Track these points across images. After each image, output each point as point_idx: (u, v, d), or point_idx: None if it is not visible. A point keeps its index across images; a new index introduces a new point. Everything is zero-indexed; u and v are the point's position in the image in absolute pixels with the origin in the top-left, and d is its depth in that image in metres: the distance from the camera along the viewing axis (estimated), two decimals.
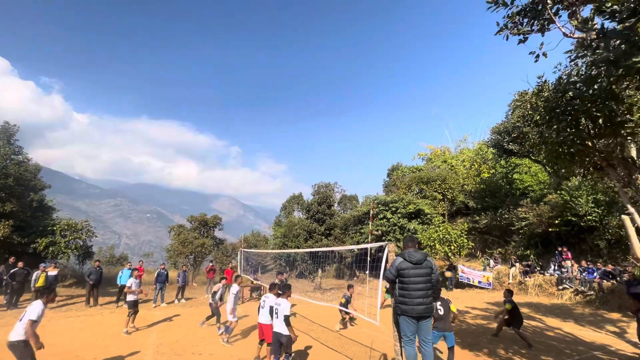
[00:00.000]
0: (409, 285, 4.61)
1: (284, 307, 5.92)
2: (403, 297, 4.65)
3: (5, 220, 15.36)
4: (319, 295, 16.12)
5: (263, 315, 6.61)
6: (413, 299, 4.58)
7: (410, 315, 4.60)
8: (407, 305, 4.60)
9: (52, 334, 8.80)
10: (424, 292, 4.62)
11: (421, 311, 4.59)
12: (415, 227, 20.04)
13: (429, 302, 4.66)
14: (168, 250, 24.74)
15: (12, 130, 17.84)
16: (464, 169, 28.60)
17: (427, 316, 4.72)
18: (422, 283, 4.63)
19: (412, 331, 4.69)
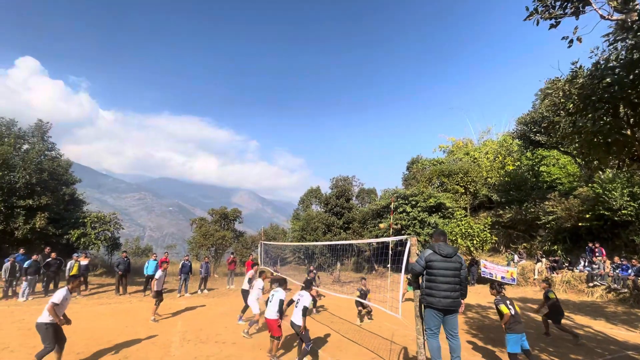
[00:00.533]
0: (437, 278, 4.61)
1: (306, 298, 6.40)
2: (430, 289, 4.64)
3: (41, 212, 16.27)
4: (338, 287, 16.21)
5: (269, 310, 6.46)
6: (440, 292, 4.57)
7: (436, 307, 4.60)
8: (433, 297, 4.59)
9: (86, 320, 9.32)
10: (452, 286, 4.61)
11: (448, 304, 4.57)
12: (435, 221, 19.68)
13: (456, 296, 4.64)
14: (190, 243, 25.50)
15: (46, 128, 18.76)
16: (488, 162, 27.67)
17: (454, 310, 4.69)
18: (451, 277, 4.62)
19: (437, 324, 4.68)
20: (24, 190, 16.17)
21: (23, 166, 16.32)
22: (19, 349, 6.82)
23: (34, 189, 16.52)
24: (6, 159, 15.89)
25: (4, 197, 15.32)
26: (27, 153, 17.42)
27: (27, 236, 15.92)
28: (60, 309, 5.72)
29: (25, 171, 16.18)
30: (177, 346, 7.37)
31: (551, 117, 11.45)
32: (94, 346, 7.16)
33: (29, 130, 18.56)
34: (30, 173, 16.31)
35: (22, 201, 15.91)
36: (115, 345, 7.26)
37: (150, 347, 7.22)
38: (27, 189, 16.26)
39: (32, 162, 16.84)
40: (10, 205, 15.60)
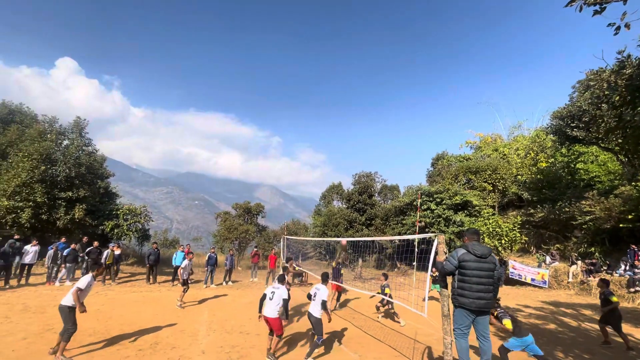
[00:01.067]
0: (470, 278, 4.49)
1: (323, 292, 6.43)
2: (462, 290, 4.52)
3: (79, 204, 17.32)
4: (360, 284, 16.14)
5: (269, 308, 6.16)
6: (473, 292, 4.44)
7: (469, 308, 4.49)
8: (466, 298, 4.48)
9: (120, 307, 9.85)
10: (486, 287, 4.48)
11: (481, 305, 4.45)
12: (461, 219, 19.08)
13: (489, 297, 4.51)
14: (215, 236, 26.30)
15: (83, 124, 19.88)
16: (518, 158, 26.42)
17: (487, 311, 4.58)
18: (485, 277, 4.48)
19: (467, 325, 4.57)
20: (65, 183, 17.24)
21: (63, 160, 17.40)
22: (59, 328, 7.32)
23: (73, 182, 17.58)
24: (49, 154, 17.00)
25: (47, 189, 16.42)
26: (67, 148, 18.55)
27: (67, 226, 17.01)
28: (84, 294, 6.16)
29: (65, 165, 17.24)
30: (203, 335, 7.64)
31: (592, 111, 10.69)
32: (128, 331, 7.56)
33: (68, 127, 19.75)
34: (70, 167, 17.36)
35: (63, 193, 16.98)
36: (147, 331, 7.63)
37: (178, 335, 7.53)
38: (67, 182, 17.34)
39: (72, 156, 17.91)
40: (53, 197, 16.71)
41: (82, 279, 6.20)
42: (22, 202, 15.57)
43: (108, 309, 9.51)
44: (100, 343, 6.77)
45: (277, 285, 6.52)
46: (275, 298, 6.22)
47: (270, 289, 6.45)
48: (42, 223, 16.52)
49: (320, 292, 6.42)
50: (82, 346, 6.53)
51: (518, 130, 35.88)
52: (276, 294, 6.27)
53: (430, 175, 31.57)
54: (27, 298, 10.29)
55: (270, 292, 6.36)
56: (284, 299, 6.24)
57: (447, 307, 5.29)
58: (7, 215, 15.64)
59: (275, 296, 6.24)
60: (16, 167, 16.03)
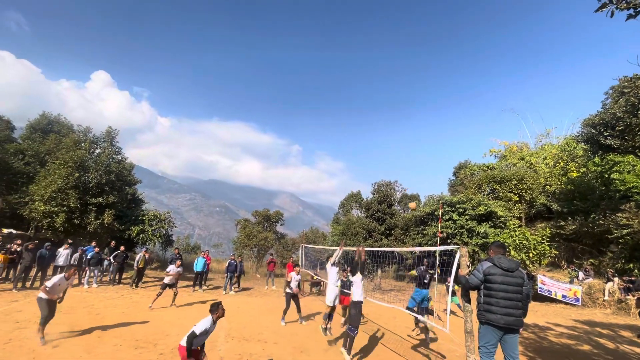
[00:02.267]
0: (497, 293, 4.27)
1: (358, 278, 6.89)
2: (489, 305, 4.30)
3: (109, 209, 18.13)
4: (379, 295, 15.81)
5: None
6: (501, 308, 4.22)
7: (496, 325, 4.24)
8: (493, 314, 4.25)
9: (143, 311, 10.14)
10: (514, 303, 4.23)
11: (510, 322, 4.20)
12: (486, 231, 18.37)
13: (518, 315, 4.26)
14: (234, 242, 26.67)
15: (114, 134, 20.92)
16: (546, 168, 25.30)
17: (516, 329, 4.30)
18: (513, 293, 4.25)
19: (494, 343, 4.33)
20: (96, 190, 18.13)
21: (95, 168, 18.34)
22: (90, 330, 7.63)
23: (104, 189, 18.45)
24: (82, 162, 17.98)
25: (80, 195, 17.32)
26: (99, 156, 19.55)
27: (97, 230, 17.81)
28: (53, 290, 7.11)
29: (97, 172, 18.16)
30: (222, 342, 7.71)
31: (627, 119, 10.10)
32: (151, 335, 7.76)
33: (100, 136, 20.85)
34: (101, 174, 18.26)
35: (94, 199, 17.84)
36: (168, 335, 7.79)
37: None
38: (98, 189, 18.22)
39: (103, 164, 18.85)
40: (85, 203, 17.59)
41: (52, 279, 7.31)
42: (57, 207, 16.49)
43: (132, 312, 9.82)
44: (124, 345, 6.98)
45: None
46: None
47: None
48: (74, 227, 17.39)
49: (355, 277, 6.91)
50: (108, 347, 6.75)
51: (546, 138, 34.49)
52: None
53: (452, 184, 30.77)
54: None
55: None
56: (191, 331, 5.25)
57: (470, 323, 5.08)
58: (44, 219, 16.61)
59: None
60: (53, 174, 17.05)
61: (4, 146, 20.03)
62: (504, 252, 4.57)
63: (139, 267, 14.15)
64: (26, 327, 7.56)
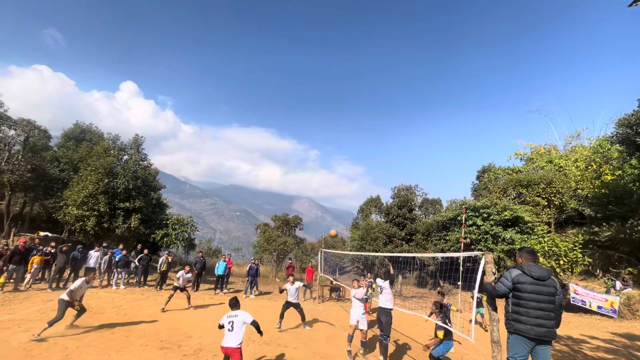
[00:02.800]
0: (528, 302, 4.05)
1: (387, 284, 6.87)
2: (518, 315, 4.09)
3: (135, 214, 18.87)
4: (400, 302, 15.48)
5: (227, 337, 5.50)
6: (531, 318, 3.99)
7: (526, 335, 4.01)
8: (523, 324, 4.03)
9: (167, 312, 10.41)
10: (547, 313, 3.99)
11: (542, 333, 3.96)
12: (512, 237, 17.65)
13: (551, 325, 4.01)
14: (254, 247, 27.00)
15: (141, 141, 21.86)
16: (578, 170, 24.06)
17: (548, 341, 4.05)
18: (545, 302, 4.01)
19: (524, 355, 4.09)
20: (123, 195, 18.94)
21: (123, 174, 19.18)
22: (118, 330, 7.91)
23: (131, 194, 19.25)
24: (111, 168, 18.87)
25: (109, 200, 18.15)
26: (127, 163, 20.45)
27: (124, 234, 18.56)
28: (76, 293, 7.59)
29: (124, 178, 18.99)
30: (243, 345, 7.77)
31: None
32: (174, 336, 7.95)
33: (128, 143, 21.84)
34: (129, 180, 19.07)
35: (122, 204, 18.64)
36: (191, 337, 7.96)
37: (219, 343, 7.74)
38: (125, 194, 19.03)
39: (130, 170, 19.69)
40: (113, 207, 18.41)
41: (75, 282, 7.79)
42: (88, 211, 17.35)
43: (157, 313, 10.11)
44: (150, 345, 7.19)
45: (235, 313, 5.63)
46: (235, 327, 5.48)
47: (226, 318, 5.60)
48: (103, 230, 18.22)
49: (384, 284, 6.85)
50: (134, 347, 6.98)
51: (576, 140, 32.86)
52: (235, 321, 5.50)
53: (476, 188, 29.83)
54: (90, 299, 11.29)
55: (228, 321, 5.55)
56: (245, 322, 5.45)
57: (497, 333, 4.87)
58: (76, 223, 17.51)
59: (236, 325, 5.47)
60: (85, 179, 17.98)
61: (41, 154, 21.36)
62: (535, 260, 4.33)
63: (162, 270, 14.58)
64: (60, 325, 7.95)
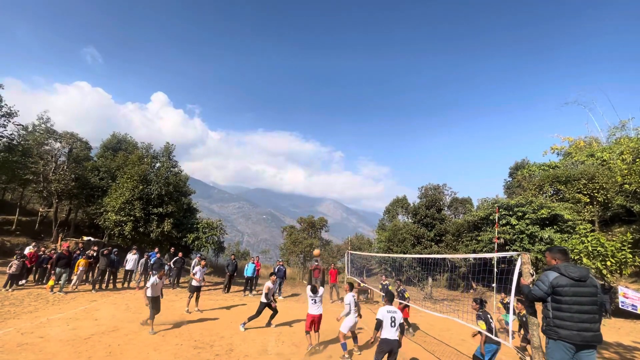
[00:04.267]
0: (571, 307, 3.78)
1: (400, 315, 5.93)
2: (561, 320, 3.81)
3: (168, 218, 19.74)
4: (430, 304, 15.03)
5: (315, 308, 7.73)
6: (576, 323, 3.71)
7: (572, 341, 3.74)
8: (568, 330, 3.76)
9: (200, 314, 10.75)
10: (592, 316, 3.71)
11: (588, 338, 3.69)
12: (550, 236, 16.61)
13: (597, 329, 3.74)
14: (281, 249, 27.33)
15: (171, 149, 22.87)
16: (624, 164, 22.23)
17: (593, 346, 3.77)
18: (588, 305, 3.74)
19: None
20: (157, 200, 19.88)
21: (156, 180, 20.14)
22: (155, 330, 8.28)
23: (163, 199, 20.17)
24: (145, 175, 19.87)
25: (144, 205, 19.12)
26: (159, 170, 21.46)
27: (158, 238, 19.47)
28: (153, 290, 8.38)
29: (157, 184, 19.93)
30: (273, 345, 7.88)
31: None
32: (207, 336, 8.20)
33: (160, 151, 22.92)
34: (161, 186, 20.00)
35: (156, 209, 19.57)
36: (223, 338, 8.17)
37: (250, 344, 7.90)
38: (158, 199, 19.97)
39: (162, 177, 20.64)
40: (148, 212, 19.37)
41: (150, 280, 8.58)
42: (125, 217, 18.37)
43: (191, 315, 10.48)
44: (184, 345, 7.46)
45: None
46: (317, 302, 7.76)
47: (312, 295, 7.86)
48: (139, 235, 19.21)
49: (398, 314, 5.90)
50: (170, 346, 7.27)
51: (621, 131, 30.46)
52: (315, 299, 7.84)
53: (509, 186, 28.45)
54: (129, 300, 11.93)
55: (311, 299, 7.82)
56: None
57: (537, 338, 4.59)
58: (115, 228, 18.59)
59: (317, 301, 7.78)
60: (122, 187, 19.07)
61: (83, 164, 22.92)
62: (568, 259, 4.05)
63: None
64: (103, 325, 8.45)
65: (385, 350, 5.61)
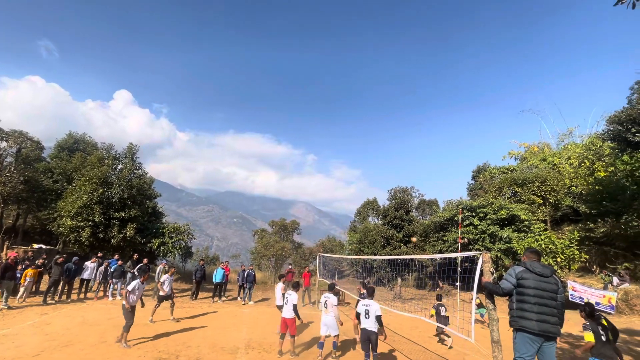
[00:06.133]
0: (531, 298, 4.08)
1: (376, 306, 6.47)
2: (523, 311, 4.10)
3: (131, 223, 18.67)
4: (399, 304, 15.43)
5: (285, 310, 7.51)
6: (536, 314, 4.00)
7: (532, 331, 4.01)
8: (527, 320, 4.04)
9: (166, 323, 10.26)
10: (550, 309, 4.02)
11: (546, 329, 3.97)
12: (509, 235, 17.71)
13: (554, 322, 4.04)
14: (252, 253, 26.84)
15: (135, 150, 21.69)
16: (571, 168, 24.31)
17: (553, 338, 4.07)
18: (548, 299, 4.05)
19: (531, 354, 4.07)
20: (118, 204, 18.74)
21: (118, 183, 19.00)
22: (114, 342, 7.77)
23: (126, 203, 19.06)
24: (106, 178, 18.69)
25: (104, 210, 17.94)
26: (121, 172, 20.27)
27: (120, 244, 18.34)
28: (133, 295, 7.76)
29: (119, 187, 18.81)
30: (242, 353, 7.68)
31: None
32: (173, 346, 7.83)
33: (122, 152, 21.67)
34: (123, 189, 18.89)
35: (117, 213, 18.43)
36: (190, 347, 7.84)
37: (219, 352, 7.65)
38: (120, 203, 18.83)
39: (125, 179, 19.51)
40: (108, 217, 18.20)
41: (131, 283, 8.01)
42: (82, 222, 17.13)
43: (155, 324, 9.96)
44: (147, 357, 7.06)
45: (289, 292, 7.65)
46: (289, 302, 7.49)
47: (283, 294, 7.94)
48: (98, 241, 17.98)
49: (372, 307, 6.45)
50: (132, 358, 6.85)
51: (569, 137, 33.30)
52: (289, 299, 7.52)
53: (472, 188, 30.00)
54: (86, 311, 11.13)
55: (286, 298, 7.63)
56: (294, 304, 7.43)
57: (497, 332, 4.86)
58: (71, 234, 17.27)
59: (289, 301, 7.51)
60: (79, 190, 17.78)
61: (34, 165, 21.12)
62: (539, 259, 4.40)
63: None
64: (54, 340, 7.80)
65: (363, 338, 6.41)
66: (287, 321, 7.43)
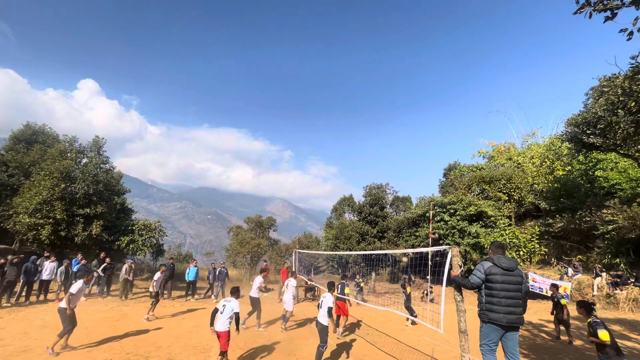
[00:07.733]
0: (499, 292, 4.37)
1: (329, 299, 6.80)
2: (491, 304, 4.40)
3: (97, 220, 17.74)
4: (374, 298, 15.80)
5: (219, 322, 6.14)
6: (503, 307, 4.32)
7: (499, 323, 4.34)
8: (496, 314, 4.34)
9: (135, 323, 9.89)
10: (515, 301, 4.35)
11: (512, 320, 4.31)
12: (477, 231, 18.61)
13: (519, 312, 4.38)
14: (227, 250, 26.37)
15: (101, 143, 20.56)
16: (533, 167, 25.83)
17: (517, 327, 4.43)
18: (514, 291, 4.37)
19: (495, 341, 4.44)
20: (83, 200, 17.74)
21: (82, 178, 17.97)
22: (80, 346, 7.39)
23: (91, 199, 18.08)
24: (69, 172, 17.60)
25: (67, 206, 16.91)
26: (86, 166, 19.17)
27: (84, 242, 17.39)
28: (75, 299, 7.28)
29: (84, 182, 17.80)
30: (215, 351, 7.56)
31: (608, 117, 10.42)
32: (142, 347, 7.56)
33: (87, 146, 20.47)
34: (88, 184, 17.90)
35: (81, 210, 17.45)
36: (160, 347, 7.61)
37: (191, 351, 7.49)
38: (85, 199, 17.84)
39: (90, 174, 18.48)
40: (71, 214, 17.18)
41: (74, 286, 7.38)
42: (42, 219, 16.05)
43: (122, 324, 9.58)
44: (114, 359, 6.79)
45: (228, 299, 6.45)
46: (226, 311, 6.17)
47: (222, 302, 6.34)
48: (60, 239, 16.95)
49: (326, 299, 6.75)
50: None
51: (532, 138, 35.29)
52: (227, 306, 6.23)
53: (443, 185, 31.13)
54: (46, 314, 10.48)
55: (222, 305, 6.27)
56: (235, 312, 6.16)
57: (464, 323, 5.12)
58: (29, 232, 16.14)
59: (226, 309, 6.19)
60: (38, 185, 16.62)
61: None
62: (503, 252, 4.67)
63: (125, 279, 13.89)
64: (10, 345, 7.30)
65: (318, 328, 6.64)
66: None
